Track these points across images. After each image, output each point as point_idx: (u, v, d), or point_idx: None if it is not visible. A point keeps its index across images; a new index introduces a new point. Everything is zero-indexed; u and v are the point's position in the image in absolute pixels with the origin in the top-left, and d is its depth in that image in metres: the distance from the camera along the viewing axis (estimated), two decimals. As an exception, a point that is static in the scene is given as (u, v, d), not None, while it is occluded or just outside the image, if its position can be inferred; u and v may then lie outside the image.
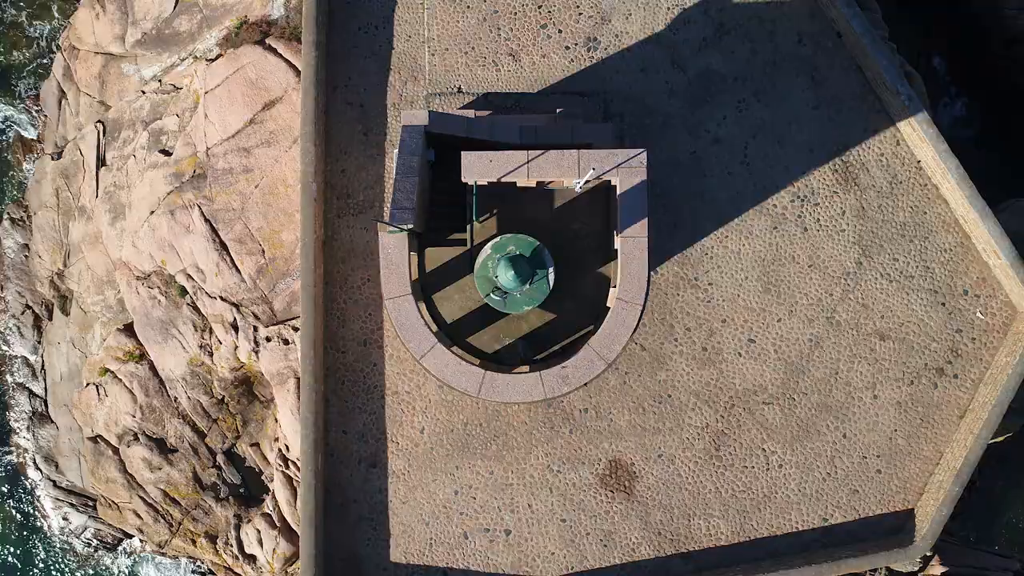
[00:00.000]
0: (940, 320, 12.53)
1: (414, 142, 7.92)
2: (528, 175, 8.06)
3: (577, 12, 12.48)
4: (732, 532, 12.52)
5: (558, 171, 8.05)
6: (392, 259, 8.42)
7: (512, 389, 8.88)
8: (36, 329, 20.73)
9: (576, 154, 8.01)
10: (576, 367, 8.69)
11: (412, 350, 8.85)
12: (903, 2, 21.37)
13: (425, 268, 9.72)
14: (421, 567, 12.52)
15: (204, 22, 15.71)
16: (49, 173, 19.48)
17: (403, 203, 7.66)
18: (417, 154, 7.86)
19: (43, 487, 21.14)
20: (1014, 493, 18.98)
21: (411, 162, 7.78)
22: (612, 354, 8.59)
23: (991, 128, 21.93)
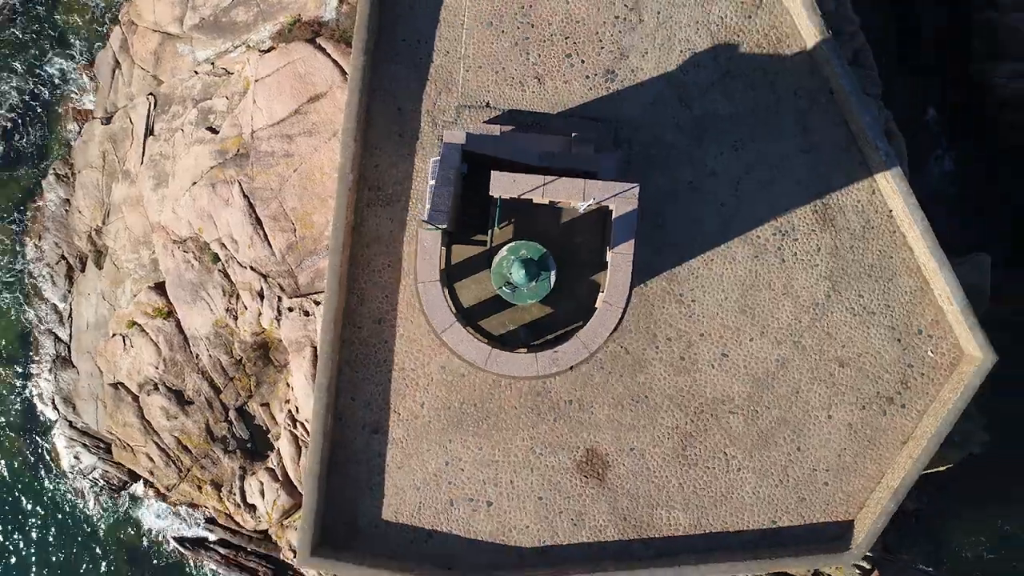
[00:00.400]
0: (895, 354, 13.90)
1: (453, 157, 9.36)
2: (543, 195, 9.56)
3: (600, 46, 13.84)
4: (690, 524, 13.87)
5: (567, 195, 9.53)
6: (427, 251, 9.88)
7: (512, 365, 10.31)
8: (68, 279, 22.09)
9: (582, 183, 9.55)
10: (565, 353, 10.15)
11: (435, 325, 10.22)
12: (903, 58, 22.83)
13: (451, 260, 11.12)
14: (409, 527, 13.86)
15: (260, 15, 17.07)
16: (97, 136, 20.83)
17: (440, 207, 9.13)
18: (454, 167, 9.29)
19: (59, 427, 22.49)
20: (954, 523, 20.36)
21: (449, 174, 9.22)
22: (595, 345, 10.02)
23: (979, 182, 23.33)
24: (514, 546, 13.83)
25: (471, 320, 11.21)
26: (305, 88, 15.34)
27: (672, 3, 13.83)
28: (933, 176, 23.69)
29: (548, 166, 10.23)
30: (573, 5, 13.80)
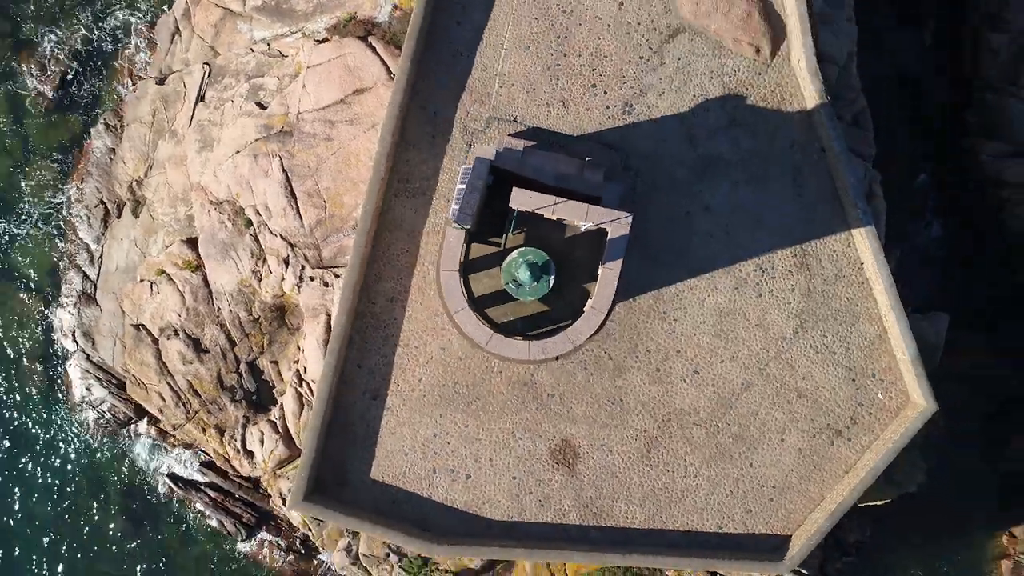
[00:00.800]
0: (848, 392, 15.34)
1: (482, 170, 10.84)
2: (552, 213, 11.03)
3: (622, 80, 15.28)
4: (645, 519, 15.30)
5: (572, 215, 11.05)
6: (451, 245, 11.39)
7: (508, 348, 11.78)
8: (103, 223, 23.52)
9: (586, 207, 11.04)
10: (553, 344, 11.68)
11: (450, 307, 11.66)
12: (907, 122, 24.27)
13: (468, 255, 12.59)
14: (393, 487, 15.27)
15: (319, 7, 18.50)
16: (150, 94, 22.26)
17: (467, 211, 10.60)
18: (482, 179, 10.77)
19: (75, 359, 23.90)
20: (891, 558, 21.83)
21: (477, 184, 10.71)
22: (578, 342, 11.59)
23: (963, 247, 24.75)
24: (485, 517, 15.25)
25: (479, 307, 12.71)
26: (352, 81, 16.78)
27: (692, 52, 15.28)
28: (921, 238, 25.16)
29: (561, 187, 11.73)
30: (603, 41, 15.25)
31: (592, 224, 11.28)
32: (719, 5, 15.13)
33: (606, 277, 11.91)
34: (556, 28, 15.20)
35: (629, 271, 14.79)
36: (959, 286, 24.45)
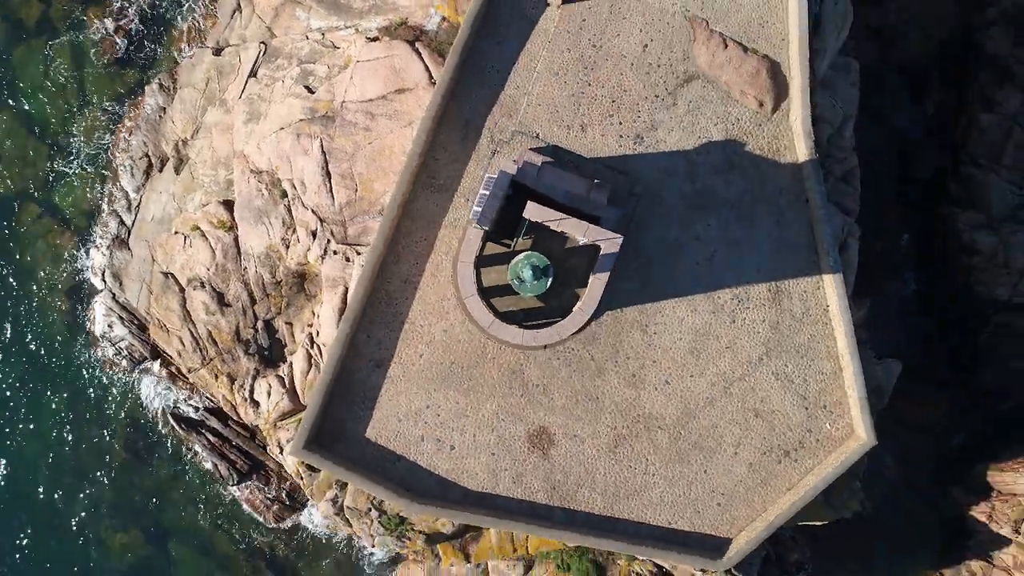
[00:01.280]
0: (800, 419, 17.02)
1: (504, 182, 12.55)
2: (558, 226, 12.71)
3: (637, 114, 16.96)
4: (603, 507, 16.96)
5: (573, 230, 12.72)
6: (470, 241, 13.10)
7: (505, 332, 13.52)
8: (145, 175, 25.17)
9: (586, 225, 12.74)
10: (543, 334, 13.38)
11: (462, 292, 13.37)
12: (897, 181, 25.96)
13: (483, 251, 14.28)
14: (384, 448, 16.92)
15: (374, 8, 20.17)
16: (206, 63, 23.91)
17: (487, 215, 12.30)
18: (503, 190, 12.46)
19: (102, 297, 25.53)
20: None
21: (498, 193, 12.40)
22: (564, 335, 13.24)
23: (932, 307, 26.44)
24: (462, 486, 16.90)
25: (486, 296, 14.48)
26: (396, 80, 18.45)
27: (703, 97, 16.96)
28: (897, 292, 26.85)
29: (568, 204, 13.44)
30: (625, 77, 16.93)
31: (588, 240, 13.03)
32: (732, 59, 16.81)
33: (594, 285, 13.69)
34: (585, 60, 16.88)
35: (621, 284, 16.49)
36: (925, 341, 26.15)
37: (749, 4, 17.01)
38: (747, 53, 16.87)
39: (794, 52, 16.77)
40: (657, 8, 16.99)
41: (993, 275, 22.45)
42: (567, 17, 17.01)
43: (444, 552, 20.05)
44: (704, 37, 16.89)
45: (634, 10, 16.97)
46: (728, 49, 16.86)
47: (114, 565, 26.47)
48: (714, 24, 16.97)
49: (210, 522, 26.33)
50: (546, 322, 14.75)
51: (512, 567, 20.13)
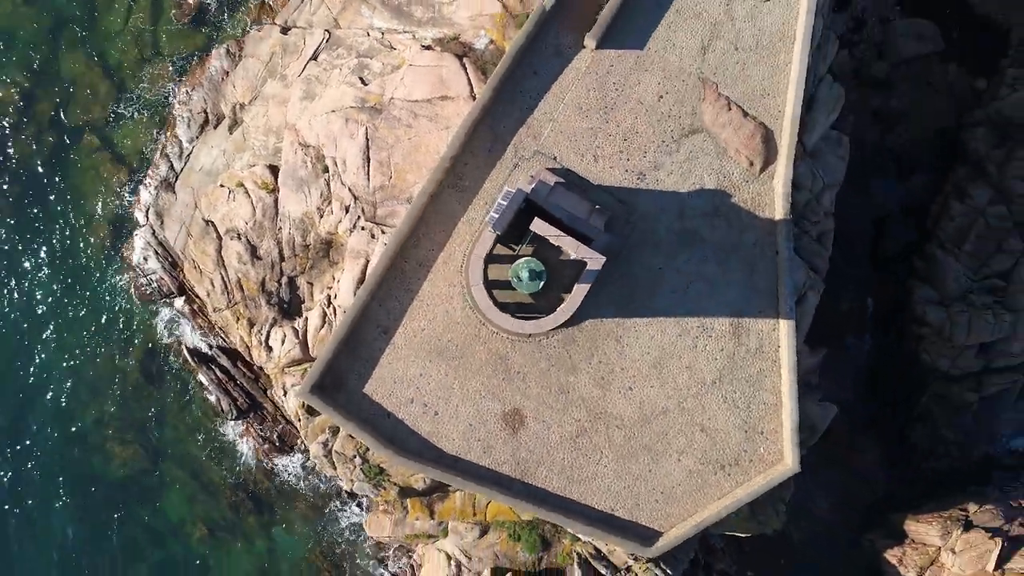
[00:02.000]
0: (739, 439, 19.41)
1: (519, 198, 14.95)
2: (556, 241, 15.12)
3: (644, 154, 19.34)
4: (557, 486, 19.31)
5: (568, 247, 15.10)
6: (484, 240, 15.54)
7: (498, 317, 15.90)
8: (200, 128, 27.53)
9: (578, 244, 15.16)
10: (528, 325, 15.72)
11: (471, 280, 15.78)
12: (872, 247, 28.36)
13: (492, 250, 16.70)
14: (377, 404, 19.25)
15: (432, 20, 22.53)
16: (273, 38, 26.27)
17: (502, 222, 14.69)
18: (518, 203, 14.84)
19: (143, 231, 27.90)
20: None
21: (514, 205, 14.77)
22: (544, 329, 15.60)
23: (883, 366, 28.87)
24: (439, 448, 19.26)
25: (489, 287, 16.98)
26: (441, 88, 20.82)
27: (702, 149, 19.36)
28: (855, 349, 29.27)
29: (568, 224, 15.85)
30: (639, 122, 19.32)
31: (578, 256, 15.48)
32: (733, 121, 19.21)
33: (576, 293, 16.16)
34: (607, 100, 19.26)
35: (606, 298, 18.88)
36: (872, 397, 28.57)
37: (756, 77, 19.40)
38: (746, 118, 19.26)
39: (786, 124, 19.16)
40: (676, 67, 19.39)
41: (938, 348, 24.83)
42: (598, 61, 19.40)
43: (412, 506, 22.45)
44: (712, 98, 19.28)
45: (656, 65, 19.37)
46: (731, 112, 19.25)
47: (111, 473, 28.83)
48: (723, 88, 19.36)
49: (204, 450, 28.72)
50: (533, 316, 17.17)
51: (470, 529, 22.50)
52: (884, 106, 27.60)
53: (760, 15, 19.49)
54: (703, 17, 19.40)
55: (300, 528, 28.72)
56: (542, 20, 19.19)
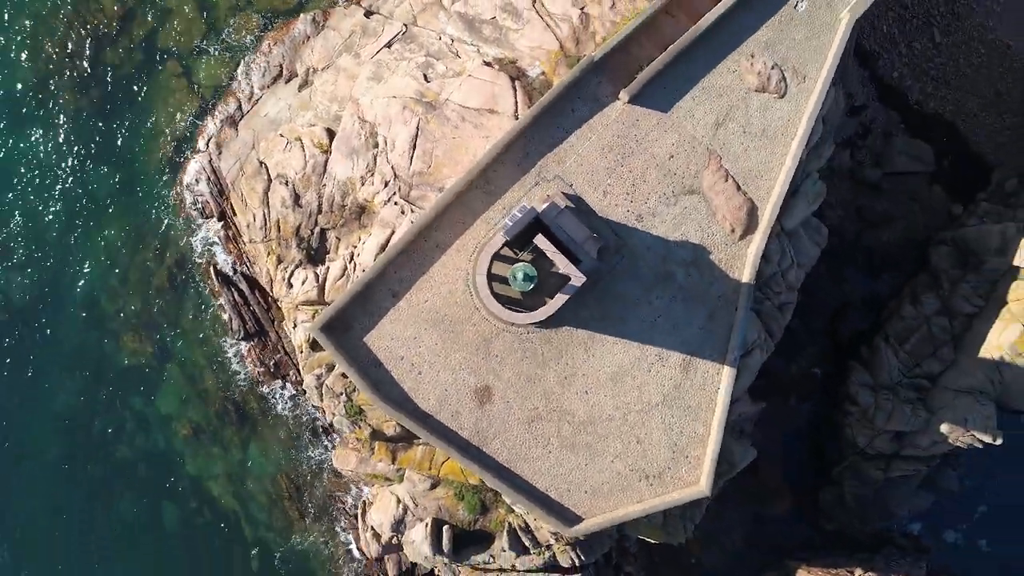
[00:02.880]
0: (667, 457, 22.40)
1: (531, 214, 17.99)
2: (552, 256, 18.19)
3: (645, 200, 22.32)
4: (506, 458, 22.29)
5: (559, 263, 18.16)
6: (495, 242, 18.50)
7: (493, 306, 18.94)
8: (273, 80, 30.47)
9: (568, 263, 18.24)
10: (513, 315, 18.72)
11: (478, 270, 18.78)
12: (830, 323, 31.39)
13: (500, 251, 19.75)
14: (372, 354, 22.15)
15: (496, 41, 25.50)
16: (356, 18, 29.21)
17: (513, 230, 17.71)
18: (529, 218, 17.86)
19: (201, 156, 30.84)
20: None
21: (525, 219, 17.80)
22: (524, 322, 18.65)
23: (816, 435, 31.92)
24: (415, 402, 22.21)
25: (490, 279, 20.04)
26: (491, 102, 23.80)
27: (695, 208, 22.36)
28: (798, 412, 32.30)
29: (566, 244, 18.90)
30: (649, 172, 22.32)
31: (564, 271, 18.63)
32: (726, 191, 22.23)
33: (557, 300, 19.34)
34: (625, 148, 22.25)
35: (585, 312, 21.84)
36: (800, 454, 31.63)
37: (754, 159, 22.43)
38: (739, 191, 22.28)
39: (770, 205, 22.18)
40: (690, 134, 22.40)
41: (860, 426, 27.84)
42: (627, 112, 22.40)
43: (378, 448, 25.41)
44: (714, 167, 22.30)
45: (674, 128, 22.38)
46: (727, 183, 22.27)
47: (119, 360, 31.79)
48: (724, 162, 22.38)
49: (206, 361, 31.69)
50: (518, 310, 20.25)
51: (423, 480, 25.49)
52: (870, 207, 30.62)
53: (771, 109, 22.52)
54: (723, 99, 22.42)
55: (273, 450, 31.70)
56: (589, 68, 22.19)
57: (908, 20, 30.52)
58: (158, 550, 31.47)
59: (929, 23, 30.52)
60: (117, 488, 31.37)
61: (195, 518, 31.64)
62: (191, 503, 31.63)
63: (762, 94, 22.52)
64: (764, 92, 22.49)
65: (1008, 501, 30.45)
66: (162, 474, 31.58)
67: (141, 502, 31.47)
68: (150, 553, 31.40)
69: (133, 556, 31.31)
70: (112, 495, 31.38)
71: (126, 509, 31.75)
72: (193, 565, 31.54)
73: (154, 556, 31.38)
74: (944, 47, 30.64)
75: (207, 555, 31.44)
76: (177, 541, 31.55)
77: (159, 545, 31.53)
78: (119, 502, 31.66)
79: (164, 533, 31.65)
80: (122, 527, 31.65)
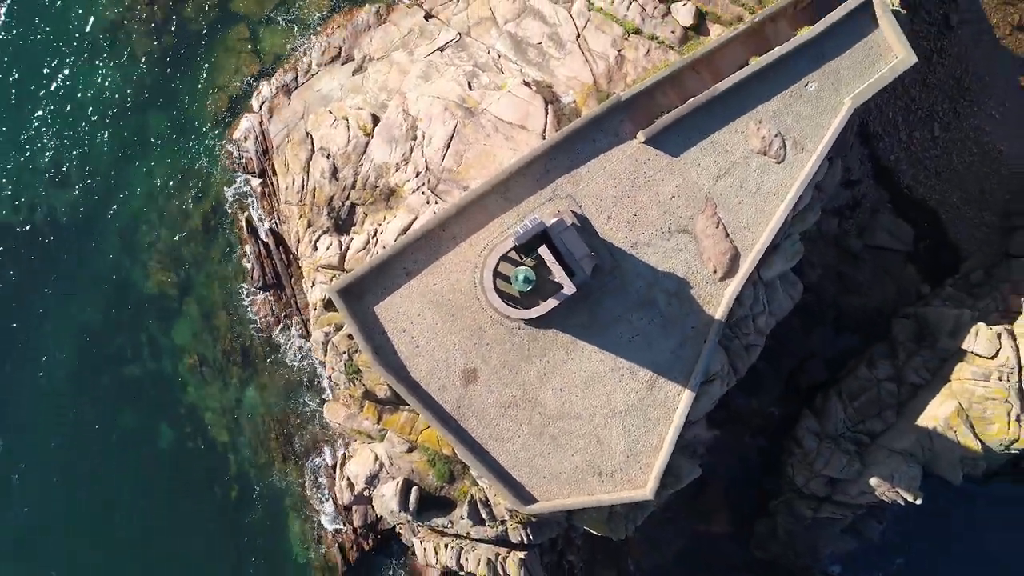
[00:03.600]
0: (621, 460, 24.89)
1: (540, 226, 20.59)
2: (551, 266, 20.82)
3: (643, 231, 24.79)
4: (479, 436, 24.71)
5: (556, 272, 20.82)
6: (504, 245, 21.09)
7: (493, 300, 21.54)
8: (331, 60, 32.92)
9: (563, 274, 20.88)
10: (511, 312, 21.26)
11: (486, 267, 21.39)
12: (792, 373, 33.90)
13: (508, 252, 22.33)
14: (378, 322, 24.61)
15: (538, 65, 27.96)
16: (416, 19, 31.67)
17: (523, 238, 20.29)
18: (539, 230, 20.45)
19: (252, 117, 33.26)
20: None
21: (534, 230, 20.40)
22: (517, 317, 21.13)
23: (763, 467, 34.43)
24: (408, 371, 24.68)
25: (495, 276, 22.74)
26: (524, 119, 26.30)
27: (685, 246, 24.86)
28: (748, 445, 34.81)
29: (565, 258, 21.48)
30: (651, 208, 24.79)
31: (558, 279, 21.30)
32: (716, 236, 24.75)
33: (547, 304, 22.03)
34: (635, 183, 24.77)
35: (573, 320, 24.34)
36: (745, 486, 34.18)
37: (745, 213, 24.95)
38: (726, 238, 24.82)
39: (752, 256, 24.70)
40: (694, 180, 24.93)
41: (801, 467, 30.38)
42: (641, 151, 24.92)
43: (367, 408, 27.93)
44: (709, 213, 24.83)
45: (679, 173, 24.91)
46: (718, 229, 24.80)
47: (144, 288, 34.23)
48: (719, 210, 24.91)
49: (222, 302, 34.18)
50: (514, 307, 22.89)
51: (401, 443, 28.00)
52: (848, 273, 33.16)
53: (768, 171, 25.06)
54: (728, 155, 24.96)
55: (269, 394, 34.19)
56: (615, 106, 24.71)
57: (913, 111, 33.06)
58: (147, 464, 33.85)
59: (932, 117, 33.06)
60: (121, 401, 33.81)
61: (187, 442, 34.08)
62: (186, 428, 34.08)
63: (762, 157, 25.04)
64: (765, 155, 25.02)
65: (923, 560, 33.02)
66: (164, 397, 34.03)
67: (140, 417, 33.90)
68: (139, 465, 33.77)
69: (123, 465, 33.66)
70: (115, 406, 33.81)
71: (125, 421, 34.15)
72: (177, 484, 33.95)
73: (142, 468, 33.76)
74: (941, 141, 33.19)
75: (191, 477, 33.89)
76: (166, 459, 33.94)
77: (149, 460, 33.91)
78: (121, 414, 34.08)
79: (156, 449, 34.03)
80: (118, 436, 33.99)
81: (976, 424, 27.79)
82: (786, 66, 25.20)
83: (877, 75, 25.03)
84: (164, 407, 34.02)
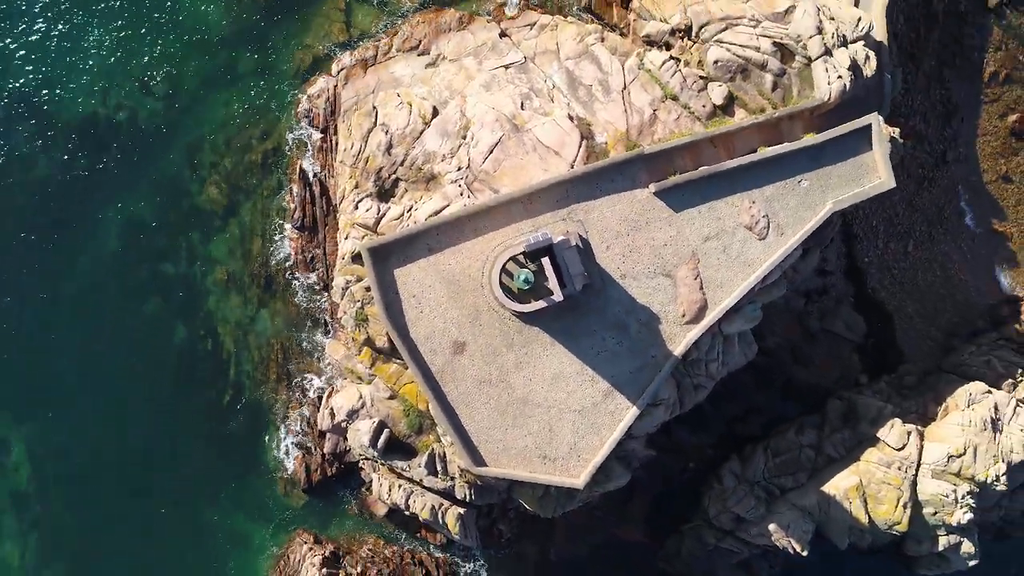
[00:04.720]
0: (566, 451, 28.73)
1: (547, 240, 24.65)
2: (548, 274, 24.95)
3: (633, 265, 28.72)
4: (452, 399, 28.48)
5: (552, 282, 24.98)
6: (514, 248, 25.15)
7: (495, 290, 25.57)
8: (409, 48, 36.67)
9: (556, 284, 24.93)
10: (507, 303, 25.31)
11: (497, 262, 25.36)
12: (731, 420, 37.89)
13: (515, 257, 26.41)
14: (394, 283, 28.44)
15: (583, 103, 31.86)
16: (491, 35, 35.42)
17: (531, 247, 24.30)
18: (546, 243, 24.51)
19: (327, 79, 37.00)
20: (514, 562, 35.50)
21: (542, 243, 24.44)
22: (511, 309, 25.19)
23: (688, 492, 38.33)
24: (410, 331, 28.51)
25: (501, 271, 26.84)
26: (560, 147, 30.22)
27: (664, 288, 28.76)
28: (681, 468, 38.71)
29: (562, 270, 25.55)
30: (644, 248, 28.72)
31: (551, 287, 25.49)
32: (691, 286, 28.71)
33: (537, 304, 26.18)
34: (637, 223, 28.67)
35: (556, 324, 28.27)
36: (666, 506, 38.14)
37: (721, 274, 28.90)
38: (700, 290, 28.79)
39: (718, 310, 28.66)
40: (685, 235, 28.87)
41: (715, 500, 34.36)
42: (649, 200, 28.86)
43: (364, 352, 31.85)
44: (691, 266, 28.80)
45: (675, 226, 28.83)
46: (695, 281, 28.77)
47: (197, 200, 37.94)
48: (700, 266, 28.87)
49: (261, 230, 37.96)
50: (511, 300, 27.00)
51: (385, 390, 31.89)
52: (802, 348, 37.15)
53: (749, 244, 29.02)
54: (719, 223, 28.91)
55: (280, 321, 37.98)
56: (638, 157, 28.65)
57: (894, 224, 37.06)
58: (158, 352, 37.60)
59: (909, 234, 37.07)
60: (151, 292, 37.61)
61: (197, 344, 37.84)
62: (199, 331, 37.84)
63: (748, 231, 29.01)
64: (750, 230, 28.98)
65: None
66: (188, 298, 37.78)
67: (163, 310, 37.65)
68: (151, 351, 37.49)
69: (138, 346, 37.34)
70: (144, 295, 37.59)
71: (148, 311, 37.86)
72: (178, 377, 37.65)
73: (153, 354, 37.47)
74: (912, 257, 37.20)
75: (193, 375, 37.70)
76: (174, 353, 37.62)
77: (160, 350, 37.68)
78: (145, 304, 37.81)
79: (167, 342, 37.72)
80: (137, 323, 37.62)
81: (869, 501, 31.78)
82: (788, 161, 29.16)
83: (859, 189, 29.02)
84: (186, 307, 37.77)
